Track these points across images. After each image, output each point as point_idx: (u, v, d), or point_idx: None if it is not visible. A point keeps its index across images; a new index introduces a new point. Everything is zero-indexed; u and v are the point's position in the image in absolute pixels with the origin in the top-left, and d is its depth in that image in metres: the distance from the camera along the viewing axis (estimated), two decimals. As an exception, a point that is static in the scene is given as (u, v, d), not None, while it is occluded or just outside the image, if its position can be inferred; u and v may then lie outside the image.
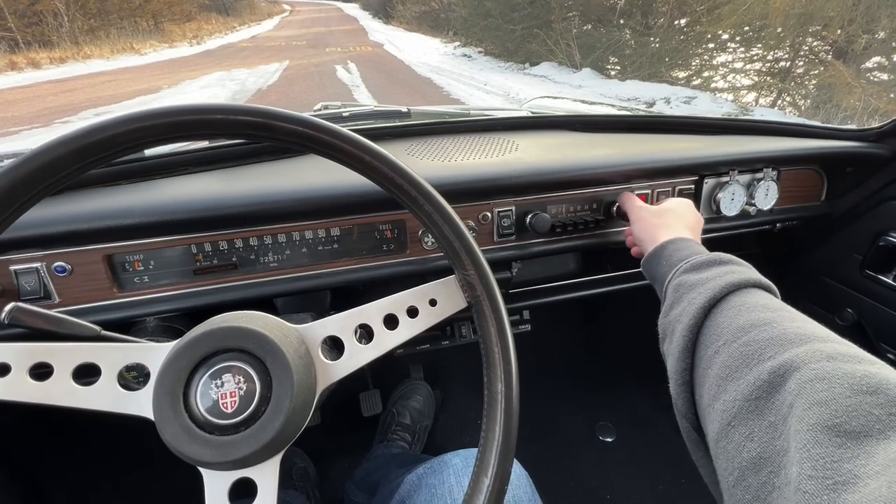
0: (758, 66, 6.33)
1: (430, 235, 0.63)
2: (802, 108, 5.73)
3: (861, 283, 0.89)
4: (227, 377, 0.37)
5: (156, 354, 0.39)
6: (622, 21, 7.98)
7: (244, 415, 0.37)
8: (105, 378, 0.38)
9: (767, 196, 0.85)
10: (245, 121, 0.39)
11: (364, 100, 6.28)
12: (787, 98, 6.02)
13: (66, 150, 0.35)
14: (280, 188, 0.62)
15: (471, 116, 1.06)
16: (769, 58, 6.09)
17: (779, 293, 0.44)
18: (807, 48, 5.81)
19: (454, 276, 0.47)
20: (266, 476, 0.37)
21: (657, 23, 7.54)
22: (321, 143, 0.41)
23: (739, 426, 0.32)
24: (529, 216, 0.73)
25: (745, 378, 0.34)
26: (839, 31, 5.02)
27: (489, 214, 0.71)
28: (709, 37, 6.59)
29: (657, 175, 0.78)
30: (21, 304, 0.41)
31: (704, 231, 0.83)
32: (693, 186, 0.82)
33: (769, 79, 6.13)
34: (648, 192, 0.79)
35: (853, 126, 0.90)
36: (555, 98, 1.56)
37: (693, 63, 7.06)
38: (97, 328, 0.43)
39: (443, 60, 10.42)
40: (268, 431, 0.37)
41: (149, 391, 0.38)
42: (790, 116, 5.66)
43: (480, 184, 0.68)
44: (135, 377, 0.40)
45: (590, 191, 0.76)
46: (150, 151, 0.64)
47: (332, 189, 0.62)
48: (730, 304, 0.41)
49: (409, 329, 0.45)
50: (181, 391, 0.37)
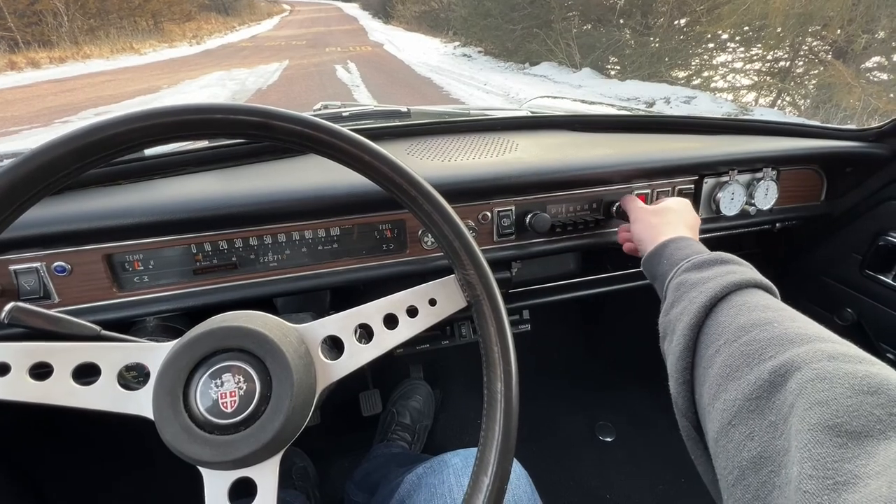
0: (757, 66, 6.33)
1: (430, 235, 0.63)
2: (802, 108, 5.73)
3: (861, 283, 0.89)
4: (227, 377, 0.37)
5: (156, 354, 0.39)
6: (622, 21, 7.98)
7: (244, 414, 0.37)
8: (105, 378, 0.38)
9: (767, 196, 0.85)
10: (245, 120, 0.39)
11: (364, 100, 6.28)
12: (787, 98, 6.02)
13: (66, 150, 0.35)
14: (280, 188, 0.61)
15: (471, 116, 1.06)
16: (769, 58, 6.09)
17: (779, 293, 0.44)
18: (806, 48, 5.81)
19: (454, 276, 0.47)
20: (266, 476, 0.37)
21: (657, 23, 7.54)
22: (321, 143, 0.42)
23: (740, 425, 0.32)
24: (529, 216, 0.73)
25: (746, 377, 0.34)
26: (839, 31, 5.02)
27: (489, 214, 0.71)
28: (708, 37, 6.60)
29: (657, 175, 0.78)
30: (21, 304, 0.41)
31: (704, 231, 0.83)
32: (693, 186, 0.82)
33: (769, 79, 6.14)
34: (648, 192, 0.79)
35: (853, 126, 0.90)
36: (555, 98, 1.55)
37: (693, 63, 7.06)
38: (97, 328, 0.43)
39: (442, 60, 10.42)
40: (267, 431, 0.37)
41: (148, 391, 0.38)
42: (790, 116, 5.66)
43: (480, 183, 0.68)
44: (135, 377, 0.40)
45: (590, 191, 0.76)
46: (150, 151, 0.64)
47: (332, 189, 0.62)
48: (731, 304, 0.41)
49: (409, 329, 0.45)
50: (181, 391, 0.37)
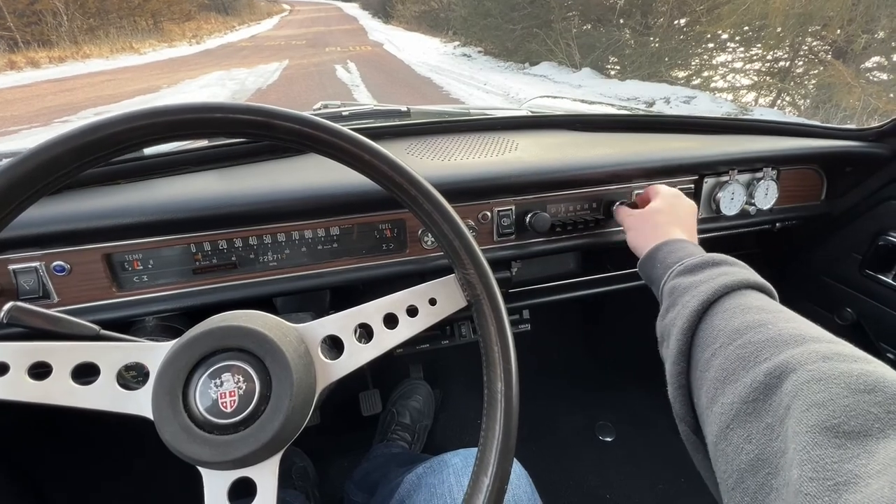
0: (757, 66, 6.33)
1: (430, 234, 0.63)
2: (802, 108, 5.74)
3: (860, 283, 0.89)
4: (227, 376, 0.37)
5: (155, 354, 0.39)
6: (622, 21, 7.98)
7: (243, 414, 0.37)
8: (104, 377, 0.38)
9: (767, 195, 0.85)
10: (245, 119, 0.39)
11: (364, 99, 6.28)
12: (787, 98, 6.02)
13: (65, 149, 0.35)
14: (280, 187, 0.61)
15: (470, 116, 1.06)
16: (769, 58, 6.09)
17: (775, 292, 0.44)
18: (806, 48, 5.81)
19: (454, 276, 0.47)
20: (265, 475, 0.37)
21: (657, 22, 7.54)
22: (321, 142, 0.41)
23: (737, 429, 0.32)
24: (529, 215, 0.73)
25: (742, 380, 0.34)
26: (839, 31, 5.02)
27: (489, 214, 0.71)
28: (708, 37, 6.60)
29: (657, 174, 0.78)
30: (20, 304, 0.41)
31: (704, 231, 0.83)
32: (693, 186, 0.82)
33: (769, 78, 6.14)
34: None
35: (853, 125, 0.90)
36: (554, 98, 1.55)
37: (693, 63, 7.06)
38: (96, 327, 0.43)
39: (442, 60, 10.42)
40: (267, 431, 0.37)
41: (148, 390, 0.37)
42: (790, 116, 5.66)
43: (480, 183, 0.68)
44: (134, 376, 0.40)
45: (589, 190, 0.76)
46: (150, 150, 0.64)
47: (332, 188, 0.62)
48: (724, 307, 0.41)
49: (409, 328, 0.45)
50: (180, 390, 0.37)
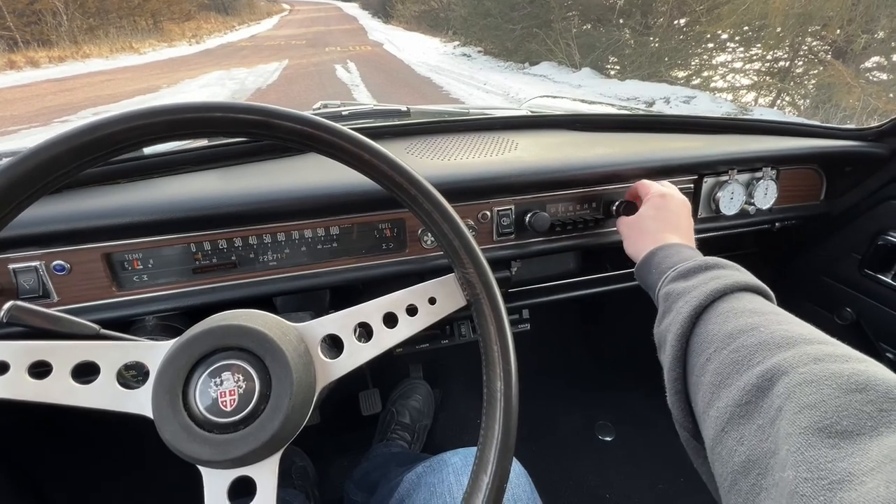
0: (757, 66, 6.34)
1: (430, 234, 0.63)
2: (802, 108, 5.74)
3: (860, 283, 0.89)
4: (227, 375, 0.37)
5: (155, 353, 0.39)
6: (622, 21, 7.98)
7: (243, 413, 0.37)
8: (104, 376, 0.38)
9: (766, 195, 0.85)
10: (245, 119, 0.39)
11: (363, 99, 6.28)
12: (787, 98, 6.03)
13: (65, 149, 0.35)
14: (279, 187, 0.61)
15: (470, 115, 1.05)
16: (768, 57, 6.09)
17: (770, 292, 0.44)
18: (806, 48, 5.82)
19: (453, 275, 0.47)
20: (265, 475, 0.37)
21: (657, 22, 7.54)
22: (321, 142, 0.41)
23: (732, 431, 0.33)
24: (529, 215, 0.73)
25: (736, 384, 0.34)
26: (838, 31, 5.02)
27: (488, 213, 0.71)
28: (708, 37, 6.60)
29: (656, 174, 0.78)
30: (20, 303, 0.41)
31: (703, 231, 0.83)
32: (692, 186, 0.82)
33: (768, 78, 6.14)
34: None
35: (852, 125, 0.90)
36: (554, 97, 1.55)
37: (692, 63, 7.06)
38: (96, 327, 0.43)
39: (442, 60, 10.42)
40: (267, 430, 0.37)
41: (148, 389, 0.38)
42: (789, 116, 5.66)
43: (480, 183, 0.68)
44: (134, 376, 0.40)
45: (589, 190, 0.76)
46: (150, 150, 0.64)
47: (332, 188, 0.62)
48: (717, 311, 0.41)
49: (409, 327, 0.45)
50: (180, 389, 0.37)
